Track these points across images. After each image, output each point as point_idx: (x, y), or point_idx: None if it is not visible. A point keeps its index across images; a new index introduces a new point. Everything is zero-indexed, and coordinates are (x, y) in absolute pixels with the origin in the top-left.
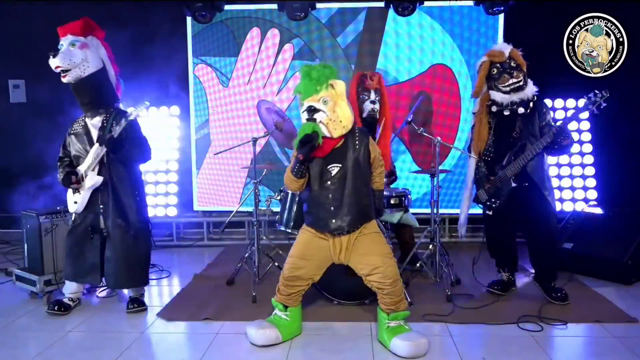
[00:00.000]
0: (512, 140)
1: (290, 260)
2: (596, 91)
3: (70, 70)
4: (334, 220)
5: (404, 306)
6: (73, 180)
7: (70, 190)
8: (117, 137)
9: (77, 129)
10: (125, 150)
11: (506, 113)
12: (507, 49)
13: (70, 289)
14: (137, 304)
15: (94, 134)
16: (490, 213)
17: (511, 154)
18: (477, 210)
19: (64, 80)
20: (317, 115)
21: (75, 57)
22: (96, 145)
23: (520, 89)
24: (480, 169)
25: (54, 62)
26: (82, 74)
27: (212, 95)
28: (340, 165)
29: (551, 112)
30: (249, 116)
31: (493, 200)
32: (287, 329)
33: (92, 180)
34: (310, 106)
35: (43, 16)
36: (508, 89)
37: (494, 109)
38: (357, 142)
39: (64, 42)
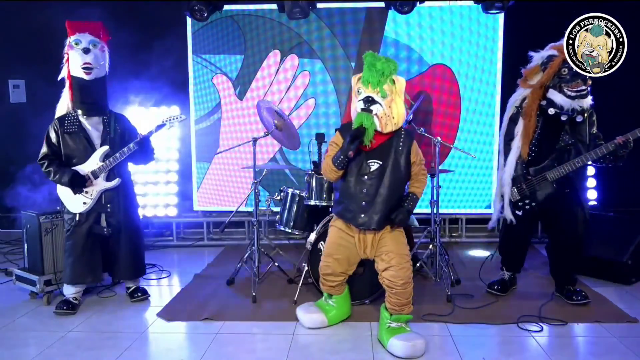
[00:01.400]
0: (559, 143)
1: (323, 259)
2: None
3: (94, 69)
4: (362, 215)
5: (408, 310)
6: (88, 182)
7: (68, 190)
8: (147, 136)
9: (72, 128)
10: (150, 151)
11: (563, 118)
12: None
13: (71, 290)
14: (141, 292)
15: (94, 134)
16: (520, 214)
17: (554, 157)
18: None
19: (88, 77)
20: (373, 107)
21: (101, 58)
22: (105, 147)
23: (584, 97)
24: (517, 167)
25: (86, 59)
26: (99, 74)
27: (226, 107)
28: (381, 162)
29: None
30: (256, 122)
31: (527, 201)
32: (333, 314)
33: (112, 182)
34: (369, 97)
35: (43, 16)
36: (575, 94)
37: (551, 111)
38: (401, 143)
39: (83, 39)
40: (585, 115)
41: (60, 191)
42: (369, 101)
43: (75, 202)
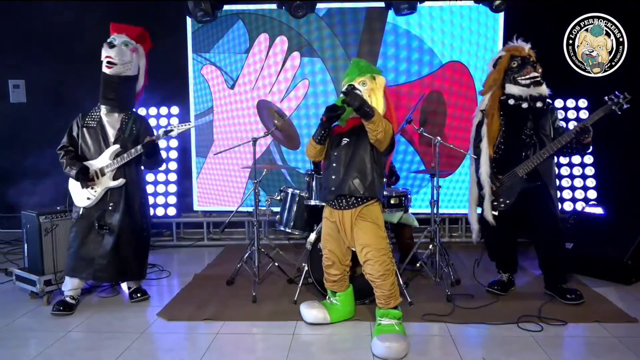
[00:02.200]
0: (524, 138)
1: (323, 252)
2: (616, 92)
3: (116, 64)
4: (333, 188)
5: (395, 302)
6: (91, 176)
7: (78, 184)
8: (154, 141)
9: (91, 123)
10: (158, 156)
11: (524, 106)
12: (526, 45)
13: (69, 285)
14: (141, 293)
15: (110, 132)
16: (496, 214)
17: (523, 152)
18: (481, 210)
19: (108, 71)
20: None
21: (126, 56)
22: (116, 146)
23: (539, 83)
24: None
25: (108, 52)
26: (122, 72)
27: (217, 95)
28: (348, 140)
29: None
30: (251, 115)
31: (501, 200)
32: (336, 312)
33: (116, 181)
34: (351, 85)
35: (44, 16)
36: (529, 81)
37: (511, 102)
38: None
39: (118, 38)
40: (544, 104)
41: (70, 183)
42: (350, 88)
43: (81, 196)
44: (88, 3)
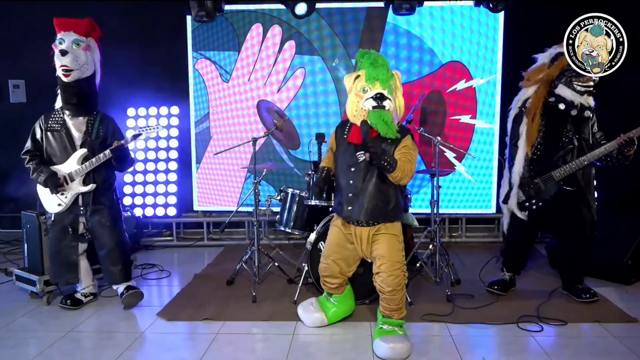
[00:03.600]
0: (564, 140)
1: (322, 260)
2: None
3: (73, 70)
4: (349, 208)
5: (399, 316)
6: (61, 183)
7: (46, 190)
8: (122, 146)
9: (55, 126)
10: (127, 160)
11: (573, 113)
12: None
13: (84, 284)
14: (131, 288)
15: (76, 135)
16: (526, 214)
17: (559, 156)
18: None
19: (66, 79)
20: (385, 103)
21: (80, 58)
22: (83, 150)
23: (591, 94)
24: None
25: (62, 61)
26: (81, 75)
27: (212, 88)
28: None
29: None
30: (249, 115)
31: (534, 201)
32: (333, 312)
33: (87, 187)
34: (379, 93)
35: (43, 15)
36: (584, 89)
37: (561, 106)
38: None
39: (66, 38)
40: (592, 114)
41: (39, 189)
42: (378, 98)
43: (51, 202)
44: (88, 3)
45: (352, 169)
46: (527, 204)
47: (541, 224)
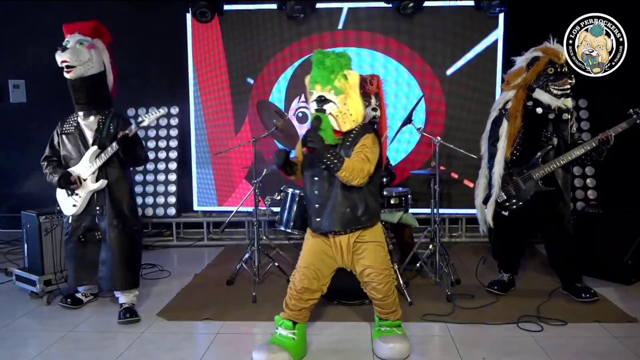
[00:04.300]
0: (542, 142)
1: (299, 270)
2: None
3: (75, 67)
4: (317, 219)
5: (394, 317)
6: (72, 180)
7: (63, 193)
8: (131, 136)
9: (69, 129)
10: (136, 151)
11: (551, 116)
12: (564, 51)
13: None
14: (130, 314)
15: (88, 134)
16: (506, 214)
17: (538, 157)
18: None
19: (68, 75)
20: (326, 107)
21: (82, 55)
22: (94, 147)
23: (568, 95)
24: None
25: (61, 56)
26: (85, 72)
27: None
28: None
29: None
30: (251, 114)
31: (513, 201)
32: (295, 349)
33: (97, 183)
34: (321, 96)
35: (44, 15)
36: (561, 92)
37: (539, 110)
38: (350, 138)
39: (71, 39)
40: (570, 116)
41: (57, 192)
42: (321, 100)
43: (67, 205)
44: (88, 3)
45: (316, 178)
46: (507, 203)
47: (524, 225)
